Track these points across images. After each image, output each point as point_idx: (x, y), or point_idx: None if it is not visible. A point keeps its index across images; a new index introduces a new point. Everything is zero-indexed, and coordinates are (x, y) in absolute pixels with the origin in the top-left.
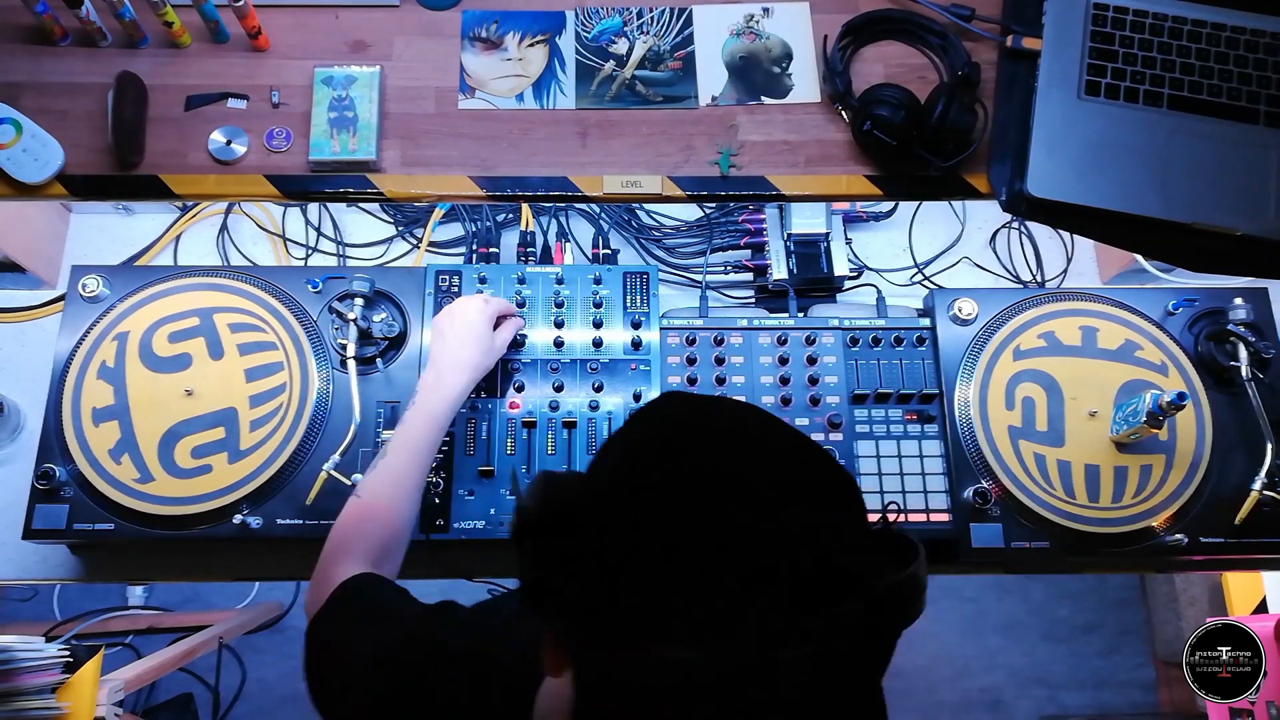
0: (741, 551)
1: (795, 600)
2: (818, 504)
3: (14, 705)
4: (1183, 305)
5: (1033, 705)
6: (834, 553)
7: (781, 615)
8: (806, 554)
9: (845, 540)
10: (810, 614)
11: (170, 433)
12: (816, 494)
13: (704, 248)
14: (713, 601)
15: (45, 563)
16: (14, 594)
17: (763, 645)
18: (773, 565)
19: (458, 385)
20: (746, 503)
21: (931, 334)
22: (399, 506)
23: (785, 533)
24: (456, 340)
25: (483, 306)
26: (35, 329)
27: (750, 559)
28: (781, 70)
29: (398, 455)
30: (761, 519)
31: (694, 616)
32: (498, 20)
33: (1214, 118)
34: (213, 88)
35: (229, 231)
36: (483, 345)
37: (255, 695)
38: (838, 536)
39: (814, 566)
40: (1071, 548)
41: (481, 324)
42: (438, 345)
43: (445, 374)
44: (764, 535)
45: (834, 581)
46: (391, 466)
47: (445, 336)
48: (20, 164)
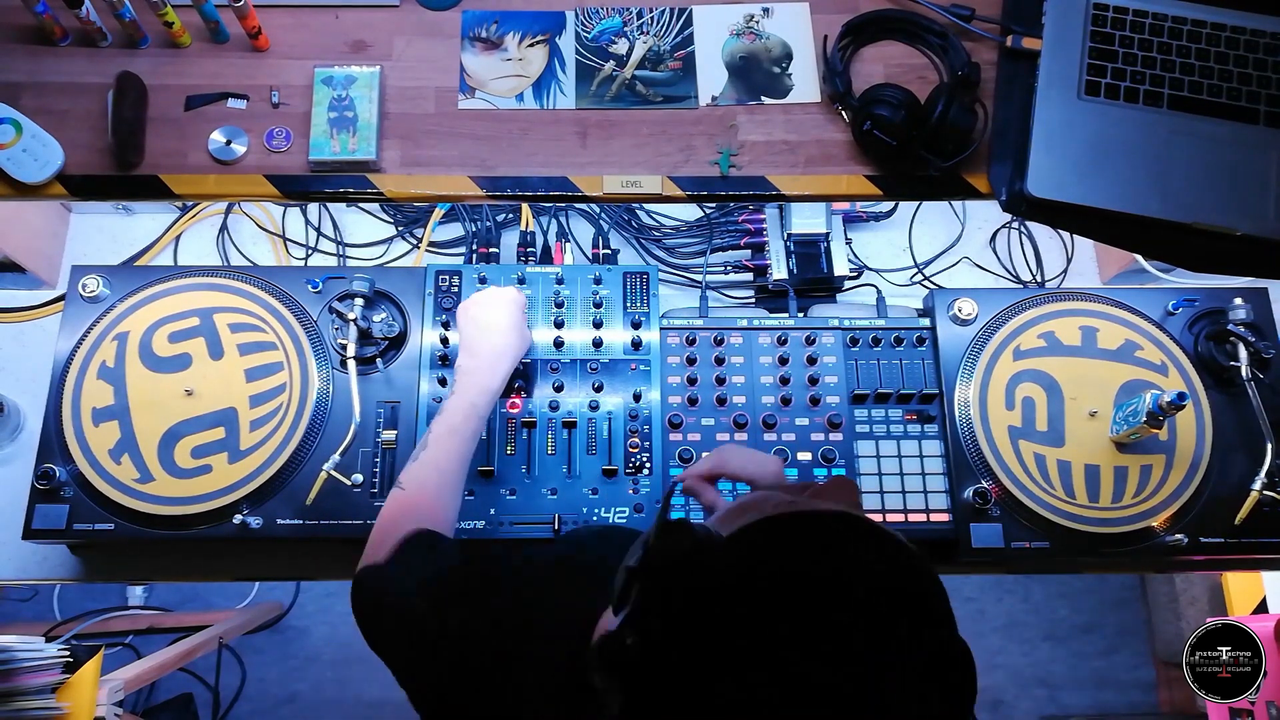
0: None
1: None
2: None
3: (14, 705)
4: (1183, 305)
5: (1033, 705)
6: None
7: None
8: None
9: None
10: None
11: (170, 433)
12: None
13: (704, 248)
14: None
15: (45, 563)
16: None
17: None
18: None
19: (499, 374)
20: (856, 633)
21: (931, 334)
22: (443, 499)
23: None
24: (497, 329)
25: (518, 296)
26: (35, 329)
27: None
28: (781, 70)
29: (440, 446)
30: (869, 647)
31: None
32: (498, 20)
33: (1214, 118)
34: (213, 88)
35: (229, 231)
36: (521, 334)
37: (255, 695)
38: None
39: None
40: (1071, 548)
41: (519, 314)
42: (476, 333)
43: (486, 363)
44: (866, 664)
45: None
46: (435, 458)
47: (484, 325)
48: (20, 164)
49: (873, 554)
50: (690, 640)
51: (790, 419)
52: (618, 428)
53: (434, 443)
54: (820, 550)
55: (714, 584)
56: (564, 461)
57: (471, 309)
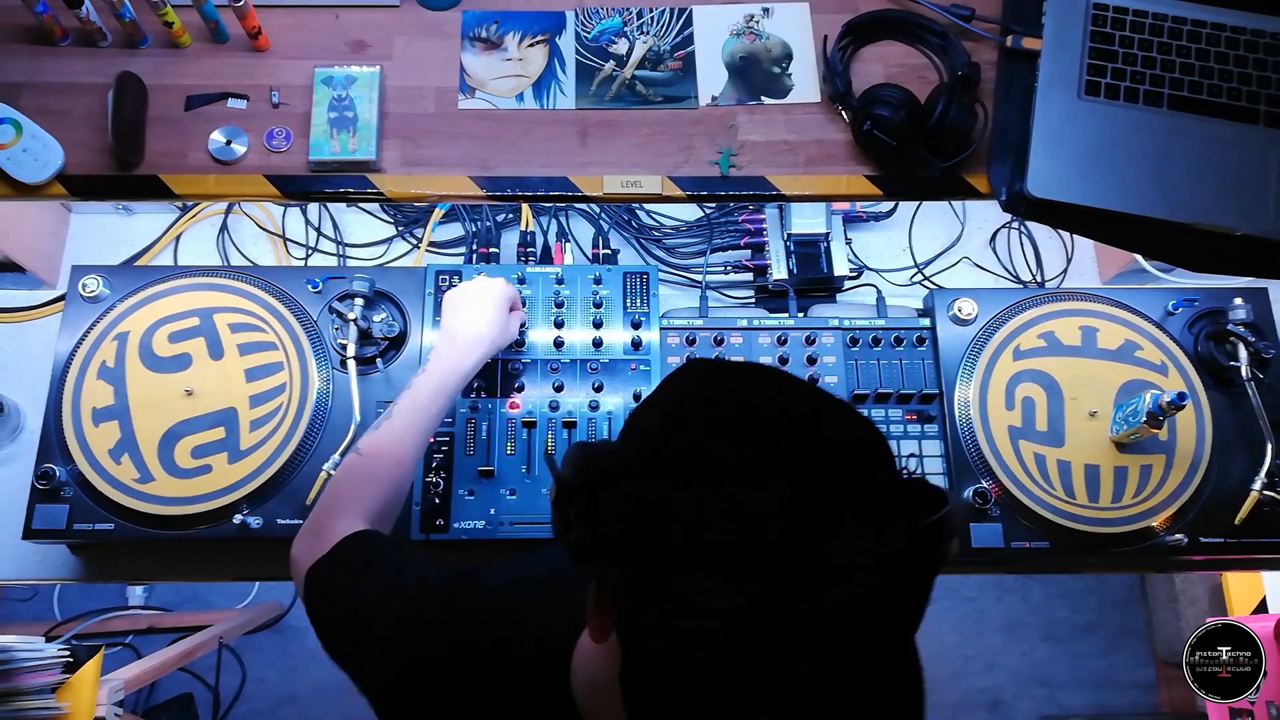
0: (784, 488)
1: (839, 534)
2: (858, 452)
3: (14, 705)
4: (1183, 305)
5: (1033, 705)
6: (876, 490)
7: (827, 551)
8: (850, 490)
9: (885, 483)
10: (856, 549)
11: (170, 433)
12: (856, 441)
13: (704, 248)
14: (756, 536)
15: (45, 563)
16: (14, 594)
17: (808, 582)
18: (817, 501)
19: (471, 359)
20: (788, 442)
21: (931, 334)
22: (401, 470)
23: (828, 472)
24: (476, 315)
25: (504, 287)
26: (35, 329)
27: (793, 495)
28: (781, 70)
29: (405, 417)
30: (804, 458)
31: (737, 552)
32: (498, 20)
33: (1214, 118)
34: (213, 88)
35: (229, 231)
36: (500, 324)
37: (255, 695)
38: (878, 478)
39: (858, 501)
40: (1071, 548)
41: (502, 304)
42: (455, 318)
43: (461, 347)
44: (807, 473)
45: (878, 516)
46: (399, 429)
47: (464, 310)
48: (20, 164)
49: (786, 388)
50: (634, 506)
51: None
52: (618, 428)
53: (399, 414)
54: (724, 381)
55: (628, 449)
56: None
57: (456, 295)
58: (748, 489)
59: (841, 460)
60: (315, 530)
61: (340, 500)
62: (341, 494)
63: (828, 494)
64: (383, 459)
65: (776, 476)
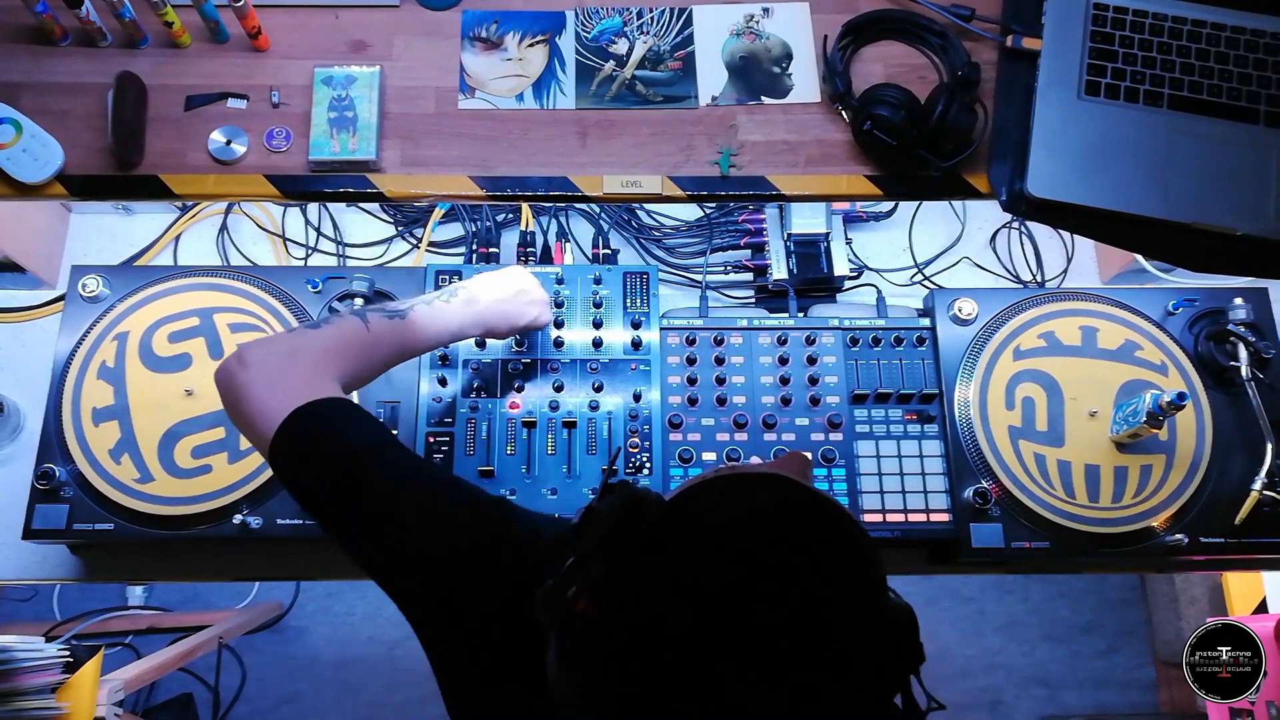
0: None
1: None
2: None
3: (14, 705)
4: (1183, 305)
5: (1033, 705)
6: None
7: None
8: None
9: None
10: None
11: (170, 433)
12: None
13: (704, 248)
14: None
15: (45, 563)
16: (14, 594)
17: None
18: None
19: (483, 325)
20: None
21: (931, 334)
22: (387, 363)
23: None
24: (510, 299)
25: (544, 296)
26: (35, 329)
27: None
28: (781, 70)
29: (419, 323)
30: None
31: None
32: (498, 20)
33: (1214, 118)
34: (213, 88)
35: (229, 231)
36: (517, 323)
37: (255, 695)
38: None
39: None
40: (1071, 548)
41: (532, 308)
42: (492, 288)
43: (484, 316)
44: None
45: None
46: (400, 328)
47: (504, 289)
48: (20, 164)
49: (779, 499)
50: (622, 588)
51: (790, 419)
52: (618, 428)
53: (410, 313)
54: (735, 499)
55: (645, 534)
56: (564, 461)
57: (504, 275)
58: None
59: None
60: (296, 370)
61: (335, 355)
62: (336, 349)
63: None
64: (380, 344)
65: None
